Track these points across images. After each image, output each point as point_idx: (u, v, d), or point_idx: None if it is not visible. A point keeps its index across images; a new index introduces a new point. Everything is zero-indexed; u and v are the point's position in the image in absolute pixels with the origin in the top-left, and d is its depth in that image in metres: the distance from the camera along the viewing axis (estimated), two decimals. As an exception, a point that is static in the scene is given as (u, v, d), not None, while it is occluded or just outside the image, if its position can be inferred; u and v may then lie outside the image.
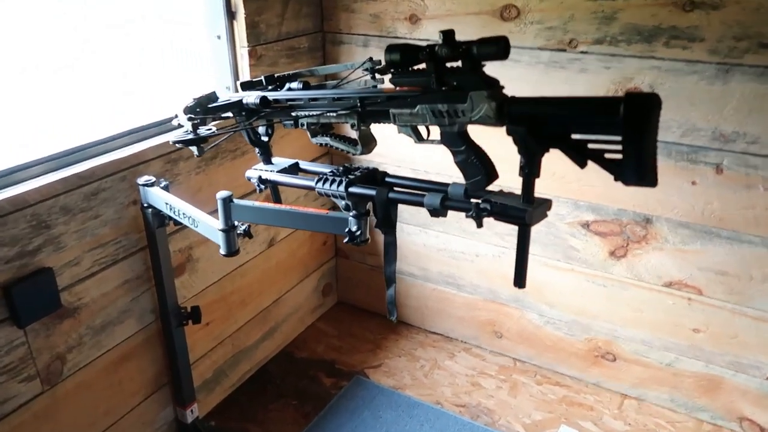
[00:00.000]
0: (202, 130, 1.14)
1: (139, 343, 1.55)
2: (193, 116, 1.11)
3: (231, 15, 1.65)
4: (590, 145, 0.80)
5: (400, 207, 1.04)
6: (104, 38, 1.30)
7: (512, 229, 1.86)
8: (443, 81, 0.89)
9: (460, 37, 0.87)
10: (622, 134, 0.75)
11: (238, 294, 1.86)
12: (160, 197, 1.35)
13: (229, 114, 1.21)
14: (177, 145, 1.15)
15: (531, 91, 0.84)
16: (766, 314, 1.58)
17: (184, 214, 1.30)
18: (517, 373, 2.01)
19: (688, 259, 1.63)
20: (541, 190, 0.87)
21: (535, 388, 1.95)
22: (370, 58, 1.02)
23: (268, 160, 1.25)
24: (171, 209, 1.33)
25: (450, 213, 0.98)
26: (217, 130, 1.16)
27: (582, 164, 0.82)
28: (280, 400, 1.91)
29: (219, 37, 1.67)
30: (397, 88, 0.96)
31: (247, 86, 1.21)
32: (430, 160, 1.89)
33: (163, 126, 1.52)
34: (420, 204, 0.97)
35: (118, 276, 1.45)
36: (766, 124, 1.42)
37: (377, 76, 1.02)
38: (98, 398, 1.47)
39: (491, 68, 0.89)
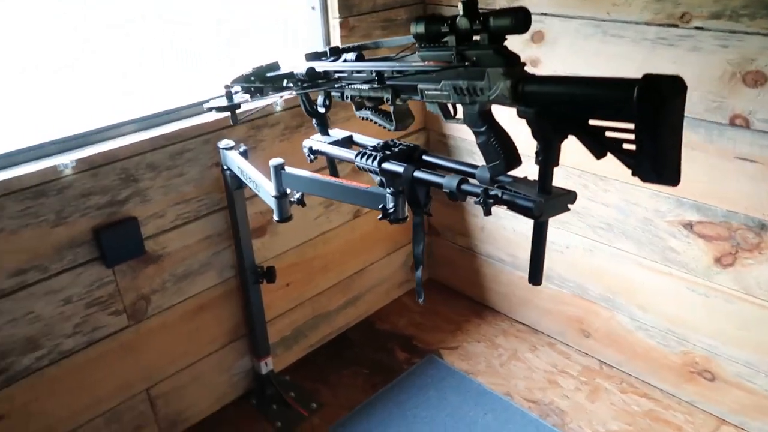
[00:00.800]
0: (236, 98, 1.18)
1: (218, 295, 1.68)
2: (228, 84, 1.16)
3: (325, -15, 1.68)
4: (608, 134, 0.71)
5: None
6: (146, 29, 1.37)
7: (605, 223, 1.71)
8: (464, 56, 0.83)
9: (560, 10, 0.78)
10: (636, 122, 0.65)
11: (320, 260, 1.92)
12: (234, 160, 1.44)
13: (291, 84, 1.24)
14: (213, 110, 1.21)
15: (635, 71, 0.71)
16: None
17: (250, 178, 1.37)
18: (601, 377, 1.86)
19: (811, 276, 1.38)
20: (639, 183, 0.74)
21: (618, 396, 1.79)
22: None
23: (324, 131, 1.27)
24: (242, 173, 1.41)
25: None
26: (251, 99, 1.20)
27: (599, 155, 0.73)
28: (354, 367, 1.97)
29: (313, 8, 1.71)
30: (425, 63, 0.92)
31: (312, 57, 1.23)
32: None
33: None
34: (440, 186, 0.93)
35: (200, 231, 1.57)
36: None
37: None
38: (178, 340, 1.62)
39: (588, 44, 0.79)
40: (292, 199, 1.27)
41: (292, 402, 1.81)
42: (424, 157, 1.05)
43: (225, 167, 1.50)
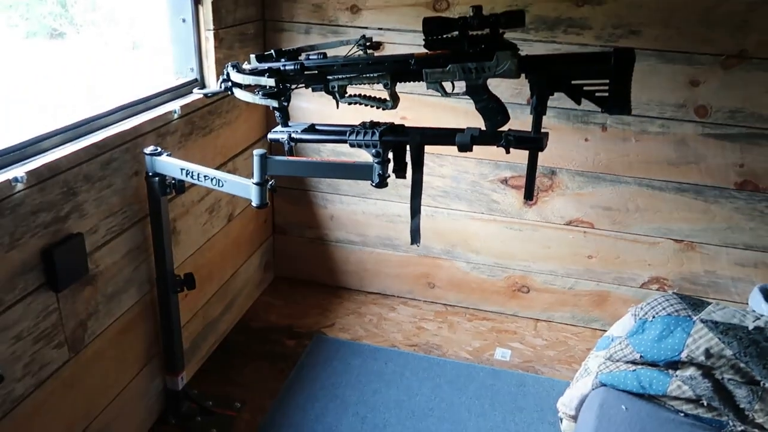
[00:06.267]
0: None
1: (138, 313, 1.60)
2: (272, 68, 1.26)
3: (197, 0, 1.77)
4: (585, 88, 1.15)
5: (341, 181, 1.27)
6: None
7: (442, 191, 2.19)
8: (473, 42, 1.17)
9: (397, 25, 1.15)
10: (611, 78, 1.11)
11: (206, 267, 1.95)
12: (173, 164, 1.45)
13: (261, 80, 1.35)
14: (261, 100, 1.29)
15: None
16: (640, 237, 2.11)
17: (205, 176, 1.42)
18: (450, 315, 2.35)
19: (583, 200, 2.11)
20: (468, 156, 1.14)
21: (467, 324, 2.30)
22: (363, 36, 1.32)
23: (286, 123, 1.42)
24: (188, 174, 1.44)
25: (391, 182, 1.31)
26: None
27: (578, 102, 1.17)
28: (253, 363, 2.04)
29: (184, 21, 1.77)
30: (428, 53, 1.22)
31: (260, 59, 1.38)
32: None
33: (152, 101, 1.61)
34: (452, 143, 1.25)
35: (124, 245, 1.50)
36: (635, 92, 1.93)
37: (369, 51, 1.30)
38: (109, 367, 1.51)
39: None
40: (268, 186, 1.39)
41: (215, 409, 1.81)
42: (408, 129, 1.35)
43: (151, 173, 1.48)
